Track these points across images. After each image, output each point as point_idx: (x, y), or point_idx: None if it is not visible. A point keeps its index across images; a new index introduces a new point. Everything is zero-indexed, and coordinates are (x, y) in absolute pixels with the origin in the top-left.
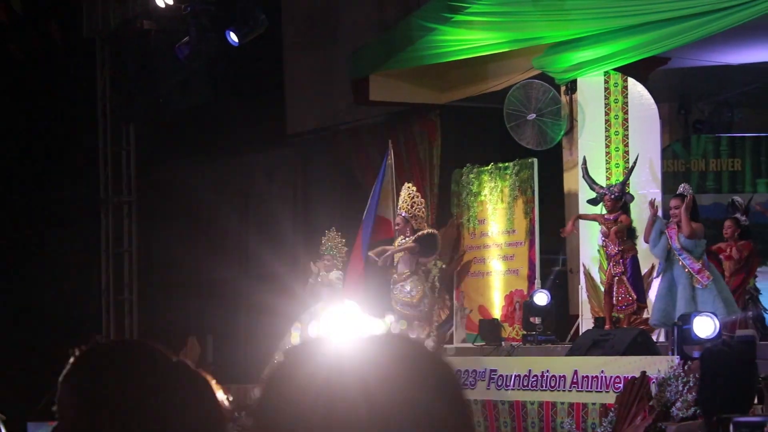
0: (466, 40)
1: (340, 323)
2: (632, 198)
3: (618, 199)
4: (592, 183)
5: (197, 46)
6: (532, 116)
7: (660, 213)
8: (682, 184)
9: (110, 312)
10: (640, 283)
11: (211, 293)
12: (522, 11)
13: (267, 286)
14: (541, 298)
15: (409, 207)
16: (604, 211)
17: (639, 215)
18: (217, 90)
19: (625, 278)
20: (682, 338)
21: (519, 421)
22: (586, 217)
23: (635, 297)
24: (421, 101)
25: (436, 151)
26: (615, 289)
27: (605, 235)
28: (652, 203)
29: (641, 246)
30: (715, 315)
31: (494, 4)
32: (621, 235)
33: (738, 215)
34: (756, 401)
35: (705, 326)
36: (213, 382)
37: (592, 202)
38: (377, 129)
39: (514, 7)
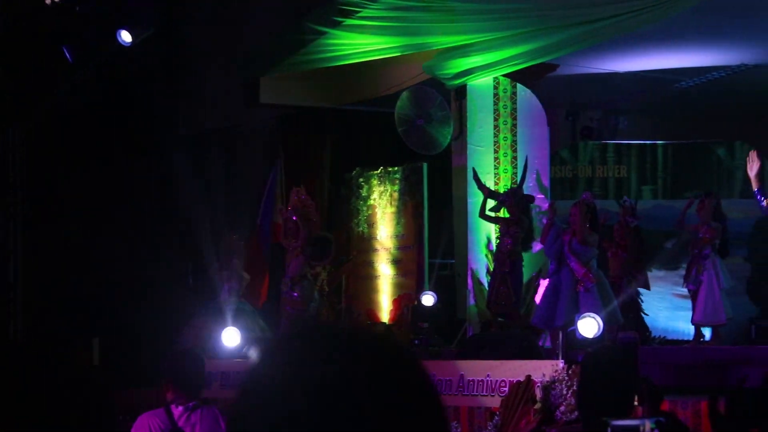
0: (358, 44)
1: (239, 322)
2: (533, 199)
3: (518, 203)
4: (489, 191)
5: (88, 46)
6: (420, 121)
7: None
8: (586, 192)
9: None
10: (519, 288)
11: (100, 295)
12: (413, 16)
13: (158, 287)
14: (428, 299)
15: (300, 210)
16: (506, 215)
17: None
18: (109, 90)
19: (509, 279)
20: (567, 342)
21: None
22: (489, 218)
23: (515, 299)
24: (312, 104)
25: (327, 155)
26: (497, 288)
27: (504, 233)
28: (551, 206)
29: (530, 252)
30: (599, 316)
31: (385, 8)
32: (517, 237)
33: (627, 218)
34: (637, 403)
35: (589, 327)
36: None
37: (494, 209)
38: (268, 132)
39: (405, 12)
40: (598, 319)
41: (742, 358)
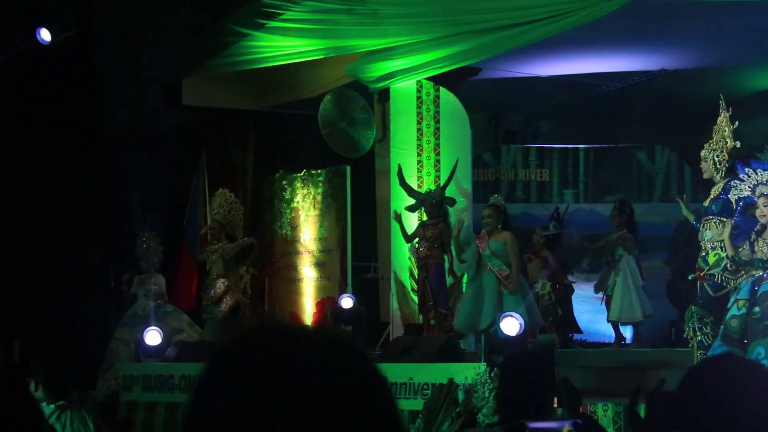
0: (281, 46)
1: (163, 325)
2: (453, 202)
3: (439, 204)
4: (410, 190)
5: (4, 44)
6: (343, 124)
7: (472, 220)
8: (495, 196)
9: None
10: (442, 290)
11: (20, 297)
12: (336, 19)
13: (77, 290)
14: (347, 302)
15: (226, 213)
16: (425, 218)
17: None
18: (26, 90)
19: (427, 283)
20: (489, 345)
21: None
22: (409, 237)
23: (436, 301)
24: (235, 107)
25: (250, 157)
26: (421, 292)
27: (420, 237)
28: (460, 224)
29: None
30: (520, 315)
31: (308, 11)
32: (434, 240)
33: (552, 225)
34: (556, 405)
35: (511, 325)
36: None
37: (411, 208)
38: (190, 134)
39: (329, 14)
40: (519, 317)
41: (662, 361)
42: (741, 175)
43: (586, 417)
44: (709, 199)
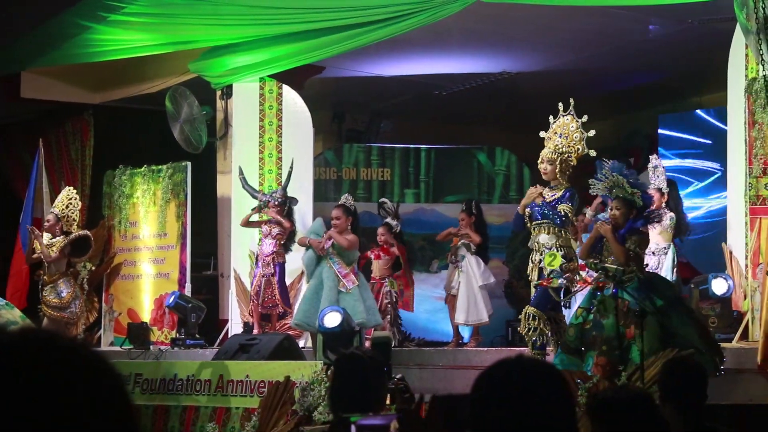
0: (122, 40)
1: None
2: (296, 201)
3: (282, 204)
4: (253, 192)
5: None
6: (180, 121)
7: (312, 217)
8: (346, 194)
9: None
10: (285, 288)
11: None
12: (178, 14)
13: None
14: (169, 298)
15: (63, 207)
16: (265, 217)
17: (298, 220)
18: None
19: (274, 280)
20: (325, 343)
21: (159, 424)
22: (253, 224)
23: (280, 299)
24: (75, 100)
25: (89, 151)
26: (262, 290)
27: (266, 235)
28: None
29: (294, 253)
30: (342, 309)
31: (150, 5)
32: (281, 237)
33: (389, 220)
34: (389, 402)
35: (332, 319)
36: None
37: (257, 209)
38: (28, 127)
39: (170, 9)
40: (341, 311)
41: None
42: (598, 175)
43: (410, 412)
44: (548, 203)
